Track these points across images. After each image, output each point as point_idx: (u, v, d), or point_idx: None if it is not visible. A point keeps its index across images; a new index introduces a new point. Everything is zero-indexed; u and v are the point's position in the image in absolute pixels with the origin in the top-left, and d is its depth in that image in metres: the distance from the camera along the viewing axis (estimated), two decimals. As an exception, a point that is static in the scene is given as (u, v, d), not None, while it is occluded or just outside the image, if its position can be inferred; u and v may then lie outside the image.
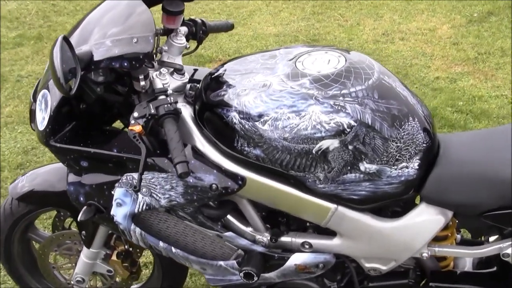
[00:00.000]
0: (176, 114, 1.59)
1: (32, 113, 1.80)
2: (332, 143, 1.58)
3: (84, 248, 2.05)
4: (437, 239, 1.82)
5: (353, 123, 1.57)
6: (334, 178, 1.62)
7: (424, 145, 1.66)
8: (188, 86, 1.84)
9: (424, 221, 1.71)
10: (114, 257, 2.08)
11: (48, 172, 2.02)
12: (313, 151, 1.58)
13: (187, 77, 1.81)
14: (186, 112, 1.75)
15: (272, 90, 1.63)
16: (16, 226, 2.11)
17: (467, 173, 1.67)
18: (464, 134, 2.00)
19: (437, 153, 1.73)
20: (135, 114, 1.59)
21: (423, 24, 5.43)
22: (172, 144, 1.53)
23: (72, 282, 2.13)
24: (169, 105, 1.59)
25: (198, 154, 1.69)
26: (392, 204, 1.76)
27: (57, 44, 1.45)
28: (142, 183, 1.68)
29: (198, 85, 1.82)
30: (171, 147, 1.53)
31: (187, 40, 1.91)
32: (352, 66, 1.67)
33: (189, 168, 1.52)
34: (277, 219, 1.85)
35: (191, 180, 1.65)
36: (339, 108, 1.58)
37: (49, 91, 1.71)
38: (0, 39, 5.38)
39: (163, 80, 1.68)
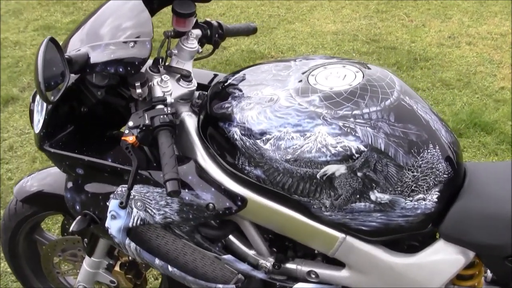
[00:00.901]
0: (172, 127, 1.53)
1: (31, 114, 1.77)
2: (338, 169, 1.48)
3: (86, 256, 2.02)
4: (461, 278, 1.70)
5: (362, 148, 1.47)
6: (341, 206, 1.53)
7: (445, 175, 1.54)
8: (197, 94, 1.77)
9: (441, 260, 1.59)
10: (117, 268, 2.05)
11: (53, 175, 2.01)
12: (317, 176, 1.49)
13: (194, 84, 1.75)
14: (191, 122, 1.69)
15: (278, 106, 1.55)
16: (21, 227, 2.12)
17: (492, 210, 1.54)
18: (494, 164, 1.87)
19: (462, 185, 1.60)
20: (130, 124, 1.54)
21: (495, 28, 5.20)
22: (164, 159, 1.47)
23: (74, 290, 2.10)
24: (164, 116, 1.52)
25: (198, 169, 1.62)
26: (408, 238, 1.64)
27: (42, 46, 1.40)
28: (137, 197, 1.64)
29: (206, 94, 1.75)
30: (162, 162, 1.47)
31: (202, 44, 1.84)
32: (369, 83, 1.57)
33: (180, 187, 1.44)
34: (284, 244, 1.76)
35: (186, 198, 1.59)
36: (348, 130, 1.48)
37: None
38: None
39: (164, 87, 1.62)
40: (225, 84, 1.72)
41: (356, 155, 1.48)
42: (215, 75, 1.92)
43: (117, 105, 1.74)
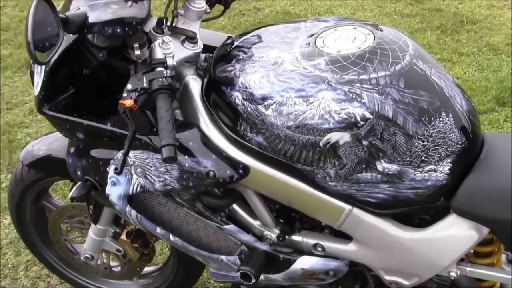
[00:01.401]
0: (171, 90, 1.54)
1: (32, 76, 1.81)
2: (342, 137, 1.48)
3: (92, 224, 2.07)
4: (478, 255, 1.69)
5: (368, 115, 1.46)
6: (346, 176, 1.53)
7: (458, 146, 1.52)
8: (203, 56, 1.78)
9: (452, 236, 1.58)
10: (123, 236, 2.10)
11: (61, 139, 2.04)
12: (320, 144, 1.50)
13: (200, 46, 1.75)
14: (195, 86, 1.71)
15: (282, 69, 1.55)
16: (27, 192, 2.17)
17: (507, 184, 1.51)
18: None
19: (478, 156, 1.58)
20: (128, 87, 1.56)
21: (551, -12, 5.04)
22: (161, 123, 1.49)
23: (81, 258, 2.16)
24: (163, 79, 1.53)
25: (200, 136, 1.63)
26: (419, 211, 1.64)
27: (32, 5, 1.43)
28: (136, 163, 1.67)
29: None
30: (159, 126, 1.49)
31: (211, 4, 1.85)
32: (380, 46, 1.55)
33: (176, 154, 1.46)
34: (291, 215, 1.78)
35: (186, 165, 1.61)
36: (353, 96, 1.47)
37: None
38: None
39: (166, 49, 1.63)
40: (231, 46, 1.73)
41: (361, 123, 1.47)
42: (228, 37, 1.92)
43: (121, 68, 1.76)
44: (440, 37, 4.53)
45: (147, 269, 2.38)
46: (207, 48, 1.83)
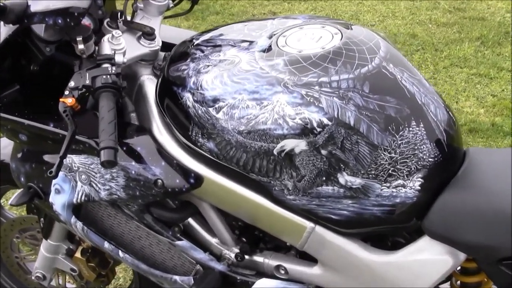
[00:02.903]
0: (116, 89, 1.62)
1: None
2: (298, 145, 1.55)
3: (43, 239, 2.15)
4: (465, 272, 1.74)
5: (326, 121, 1.53)
6: (305, 189, 1.59)
7: (430, 159, 1.58)
8: (162, 55, 1.87)
9: (425, 261, 1.63)
10: (78, 254, 2.17)
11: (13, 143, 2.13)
12: (274, 152, 1.57)
13: (158, 43, 1.84)
14: (150, 87, 1.80)
15: (238, 69, 1.63)
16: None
17: (485, 205, 1.56)
18: (500, 152, 1.87)
19: (456, 173, 1.64)
20: (71, 84, 1.63)
21: None
22: (102, 124, 1.57)
23: (32, 278, 2.25)
24: (108, 76, 1.62)
25: (150, 141, 1.72)
26: (390, 232, 1.70)
27: None
28: (81, 169, 1.76)
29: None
30: (100, 127, 1.57)
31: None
32: (346, 47, 1.63)
33: (116, 158, 1.53)
34: (254, 233, 1.84)
35: (133, 172, 1.70)
36: (310, 100, 1.55)
37: None
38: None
39: (115, 45, 1.71)
40: (189, 44, 1.81)
41: (318, 129, 1.54)
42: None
43: (72, 65, 1.85)
44: (478, 49, 4.58)
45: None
46: (168, 47, 1.91)
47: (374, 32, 1.73)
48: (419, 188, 1.58)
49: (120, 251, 1.86)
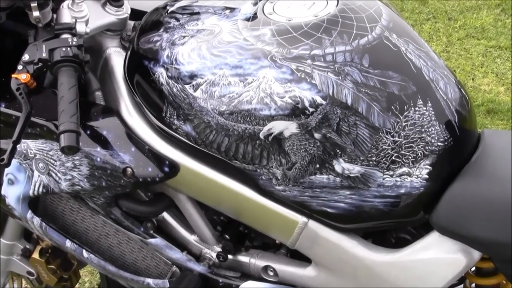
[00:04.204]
0: (77, 63, 1.62)
1: None
2: (287, 127, 1.56)
3: (-5, 238, 2.16)
4: (480, 273, 1.76)
5: (320, 100, 1.54)
6: (297, 178, 1.60)
7: (440, 144, 1.59)
8: (131, 24, 1.87)
9: (433, 260, 1.64)
10: (36, 255, 2.17)
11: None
12: (261, 136, 1.57)
13: (127, 10, 1.85)
14: (118, 62, 1.81)
15: (218, 40, 1.64)
16: None
17: (503, 196, 1.56)
18: None
19: (469, 159, 1.65)
20: (25, 58, 1.63)
21: None
22: (62, 104, 1.57)
23: (-17, 282, 2.26)
24: (68, 48, 1.62)
25: (118, 123, 1.72)
26: (393, 227, 1.71)
27: None
28: (38, 156, 1.76)
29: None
30: (59, 108, 1.57)
31: None
32: (342, 14, 1.63)
33: (79, 142, 1.54)
34: (239, 230, 1.86)
35: (98, 159, 1.70)
36: (302, 75, 1.55)
37: None
38: None
39: (76, 12, 1.71)
40: (163, 12, 1.82)
41: (310, 110, 1.55)
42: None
43: (26, 35, 1.85)
44: (498, 18, 4.59)
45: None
46: (138, 14, 1.92)
47: None
48: (427, 176, 1.59)
49: (84, 250, 1.87)
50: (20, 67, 1.62)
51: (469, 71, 4.11)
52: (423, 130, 1.58)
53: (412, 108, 1.57)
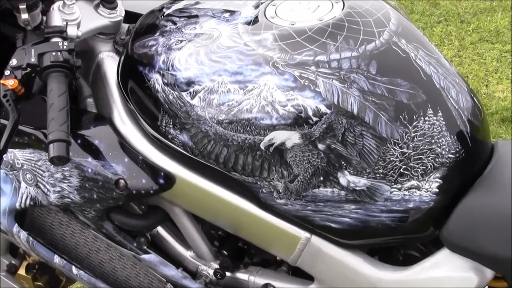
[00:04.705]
0: (68, 68, 1.62)
1: None
2: (290, 137, 1.56)
3: (-21, 253, 2.16)
4: None
5: (324, 109, 1.55)
6: (299, 191, 1.60)
7: (451, 155, 1.59)
8: (125, 27, 1.88)
9: (443, 279, 1.64)
10: (22, 271, 2.18)
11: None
12: (262, 146, 1.58)
13: (121, 13, 1.86)
14: (111, 67, 1.81)
15: (217, 45, 1.64)
16: None
17: None
18: None
19: (482, 171, 1.65)
20: (13, 62, 1.64)
21: None
22: (52, 112, 1.57)
23: (-33, 299, 2.26)
24: (58, 53, 1.62)
25: (111, 132, 1.73)
26: (401, 244, 1.71)
27: None
28: (26, 167, 1.76)
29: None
30: (48, 116, 1.57)
31: None
32: (348, 18, 1.64)
33: (69, 152, 1.54)
34: (238, 245, 1.86)
35: (89, 170, 1.70)
36: (305, 83, 1.56)
37: None
38: None
39: (68, 14, 1.72)
40: (159, 15, 1.82)
41: (314, 119, 1.55)
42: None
43: (14, 38, 1.85)
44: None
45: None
46: (133, 17, 1.92)
47: (383, 0, 1.74)
48: (437, 190, 1.60)
49: (73, 267, 1.88)
50: (7, 72, 1.63)
51: (483, 77, 4.11)
52: (433, 141, 1.58)
53: (422, 118, 1.57)
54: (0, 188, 1.80)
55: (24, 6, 1.65)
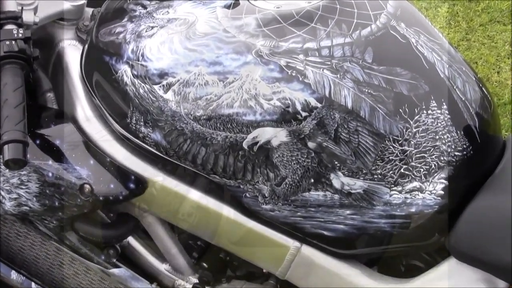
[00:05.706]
0: (24, 59, 1.62)
1: None
2: (276, 135, 1.56)
3: None
4: None
5: (314, 102, 1.55)
6: (287, 195, 1.60)
7: (457, 153, 1.60)
8: (89, 12, 1.87)
9: (451, 291, 1.65)
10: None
11: None
12: (244, 146, 1.58)
13: None
14: (73, 57, 1.80)
15: (193, 32, 1.64)
16: None
17: None
18: None
19: (492, 171, 1.66)
20: None
21: None
22: (6, 109, 1.57)
23: None
24: (13, 42, 1.62)
25: (74, 131, 1.72)
26: (402, 253, 1.72)
27: None
28: (-22, 171, 1.75)
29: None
30: (2, 113, 1.57)
31: None
32: (341, 1, 1.64)
33: (26, 155, 1.53)
34: (219, 256, 1.86)
35: (50, 174, 1.70)
36: (293, 73, 1.56)
37: None
38: None
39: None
40: None
41: (303, 114, 1.55)
42: None
43: None
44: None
45: None
46: (98, 1, 1.92)
47: None
48: (442, 192, 1.60)
49: (33, 283, 1.87)
50: None
51: (494, 63, 4.12)
52: (437, 137, 1.59)
53: (424, 111, 1.58)
54: None
55: None
